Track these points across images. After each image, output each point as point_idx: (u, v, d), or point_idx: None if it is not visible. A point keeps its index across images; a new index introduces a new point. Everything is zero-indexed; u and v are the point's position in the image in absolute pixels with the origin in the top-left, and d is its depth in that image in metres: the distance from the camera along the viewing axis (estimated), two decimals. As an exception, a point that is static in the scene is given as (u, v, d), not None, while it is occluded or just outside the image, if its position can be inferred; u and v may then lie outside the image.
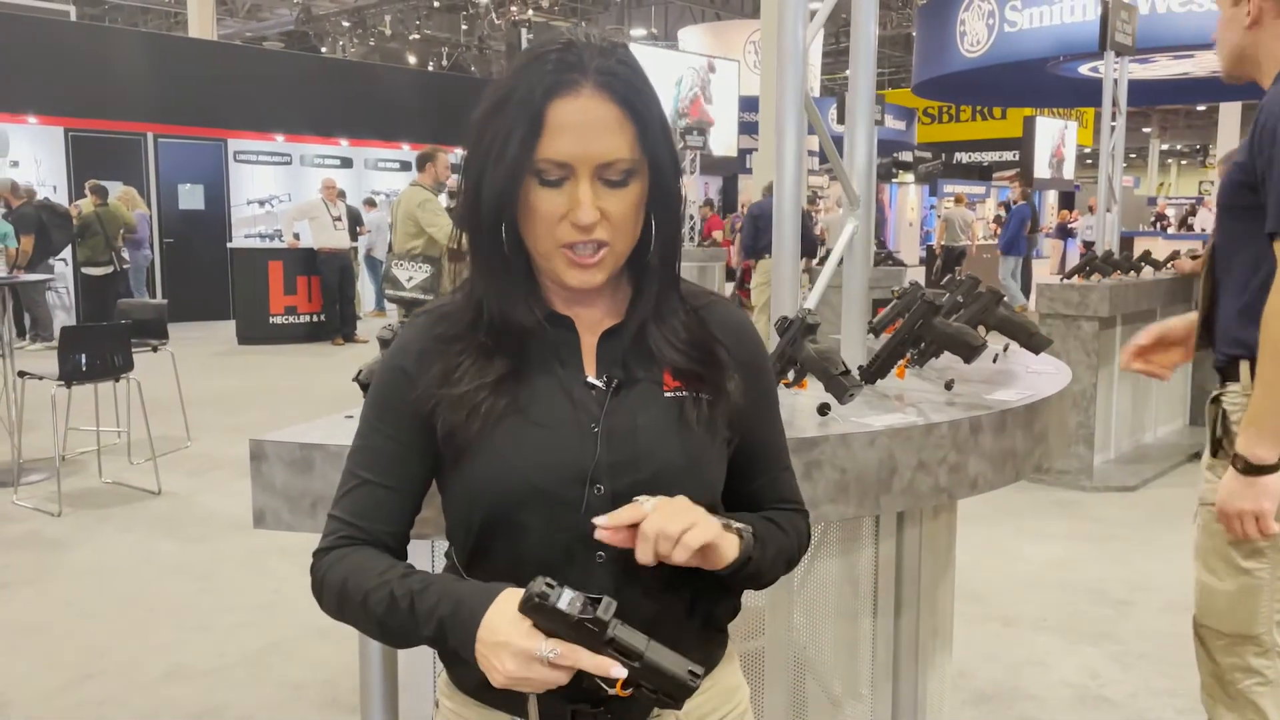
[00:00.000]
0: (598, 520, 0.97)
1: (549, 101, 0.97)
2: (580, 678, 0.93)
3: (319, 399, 7.84)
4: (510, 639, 0.91)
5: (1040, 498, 5.20)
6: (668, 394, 1.07)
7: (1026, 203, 14.14)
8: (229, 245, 12.58)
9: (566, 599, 0.90)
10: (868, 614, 2.01)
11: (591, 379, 1.07)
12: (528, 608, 0.91)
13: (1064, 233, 20.45)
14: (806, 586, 1.94)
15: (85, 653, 3.39)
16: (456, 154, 15.66)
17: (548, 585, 0.90)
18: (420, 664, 1.79)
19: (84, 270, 10.68)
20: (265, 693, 3.15)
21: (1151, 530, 4.74)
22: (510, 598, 0.93)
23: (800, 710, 1.97)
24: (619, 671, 0.91)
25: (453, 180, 7.16)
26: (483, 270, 1.06)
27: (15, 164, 11.64)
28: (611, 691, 0.93)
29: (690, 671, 0.92)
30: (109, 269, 10.76)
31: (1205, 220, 18.21)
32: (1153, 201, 27.59)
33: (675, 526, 0.95)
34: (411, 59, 25.15)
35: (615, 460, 1.04)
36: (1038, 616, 3.73)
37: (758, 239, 8.57)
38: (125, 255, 11.04)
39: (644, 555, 0.96)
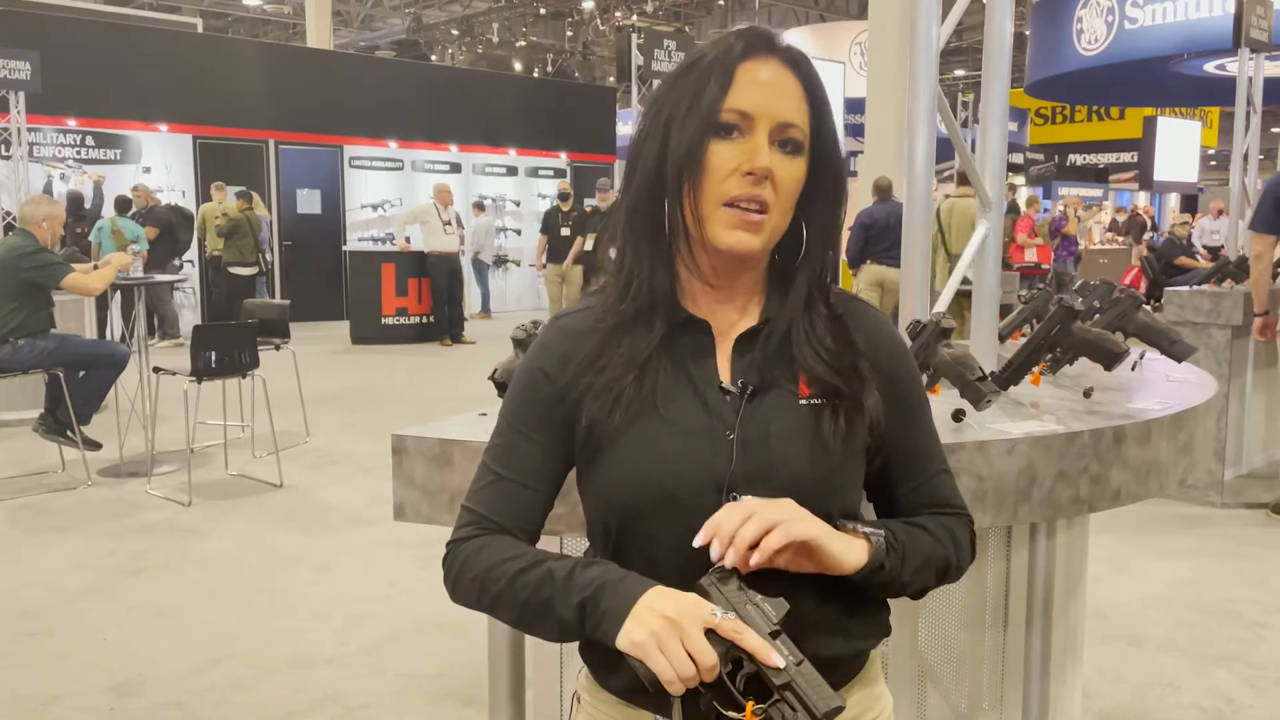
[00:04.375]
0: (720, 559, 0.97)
1: (741, 61, 1.02)
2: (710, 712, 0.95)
3: (430, 398, 8.04)
4: (682, 598, 0.95)
5: (1167, 513, 4.98)
6: (803, 402, 1.06)
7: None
8: (344, 248, 12.99)
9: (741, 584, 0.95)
10: (997, 626, 1.96)
11: (725, 384, 1.07)
12: (710, 582, 0.95)
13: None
14: (933, 596, 1.90)
15: (214, 637, 3.54)
16: (562, 158, 15.89)
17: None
18: (548, 660, 1.82)
19: (232, 270, 11.25)
20: (383, 682, 3.23)
21: (1288, 550, 4.51)
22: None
23: (924, 722, 1.93)
24: (778, 660, 0.92)
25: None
26: (639, 234, 1.07)
27: (147, 170, 12.23)
28: (736, 718, 0.93)
29: (835, 707, 0.91)
30: (255, 269, 11.33)
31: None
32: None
33: (748, 529, 0.95)
34: (517, 65, 25.57)
35: (750, 469, 1.03)
36: (1166, 637, 3.58)
37: (866, 247, 8.20)
38: (269, 257, 11.60)
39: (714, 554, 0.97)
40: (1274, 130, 31.89)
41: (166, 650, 3.44)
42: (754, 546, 0.96)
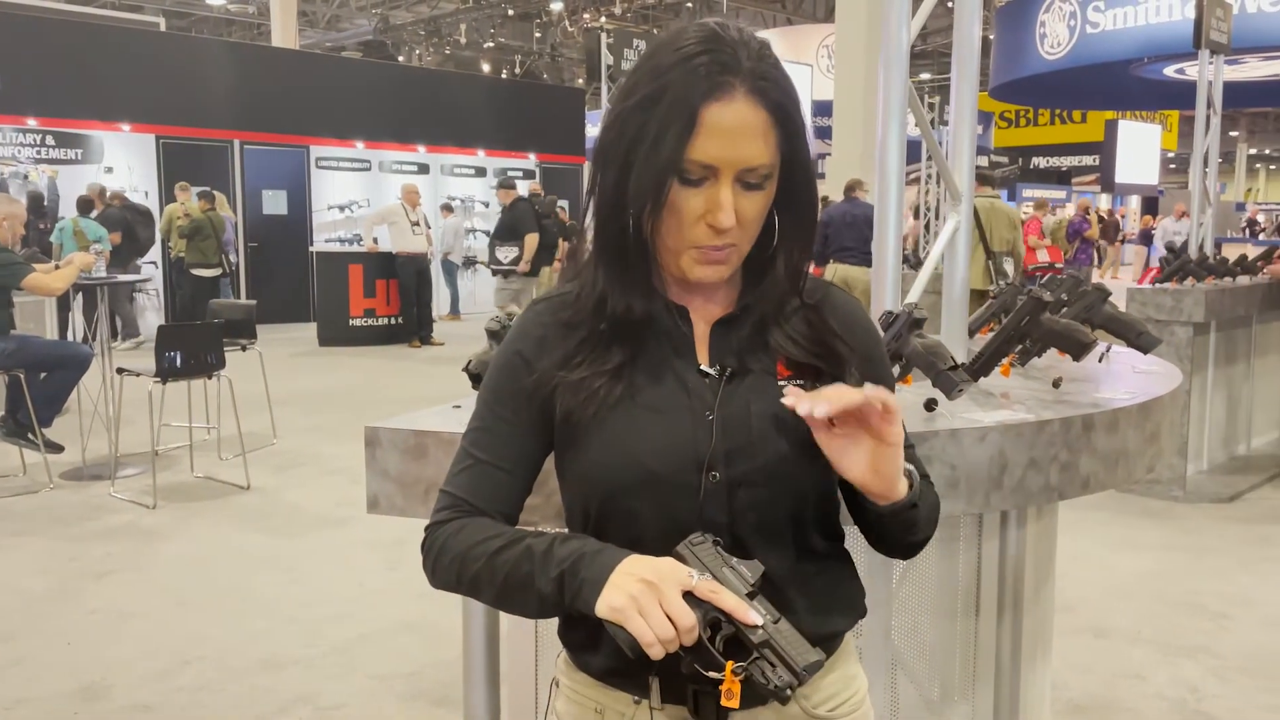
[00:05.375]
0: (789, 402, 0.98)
1: (705, 104, 0.98)
2: (690, 675, 0.96)
3: (399, 399, 7.97)
4: (659, 562, 0.95)
5: (1131, 507, 5.06)
6: (781, 383, 1.08)
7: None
8: (311, 249, 12.87)
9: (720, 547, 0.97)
10: (968, 615, 1.98)
11: (704, 367, 1.08)
12: (686, 547, 0.96)
13: (1147, 239, 19.93)
14: (904, 586, 1.92)
15: (182, 640, 3.49)
16: (531, 159, 15.82)
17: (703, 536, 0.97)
18: (523, 656, 1.81)
19: (194, 271, 11.10)
20: (354, 683, 3.21)
21: (1249, 543, 4.59)
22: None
23: (895, 710, 1.95)
24: (755, 618, 0.93)
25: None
26: (609, 260, 1.07)
27: (109, 170, 12.04)
28: (717, 677, 0.94)
29: (814, 661, 0.93)
30: (218, 270, 11.19)
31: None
32: (1241, 207, 26.72)
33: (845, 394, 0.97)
34: (485, 67, 25.50)
35: (730, 448, 1.04)
36: (1132, 628, 3.63)
37: (826, 245, 8.39)
38: (233, 258, 11.45)
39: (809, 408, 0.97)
40: (1232, 134, 32.57)
41: (132, 653, 3.39)
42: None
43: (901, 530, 1.08)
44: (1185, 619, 3.72)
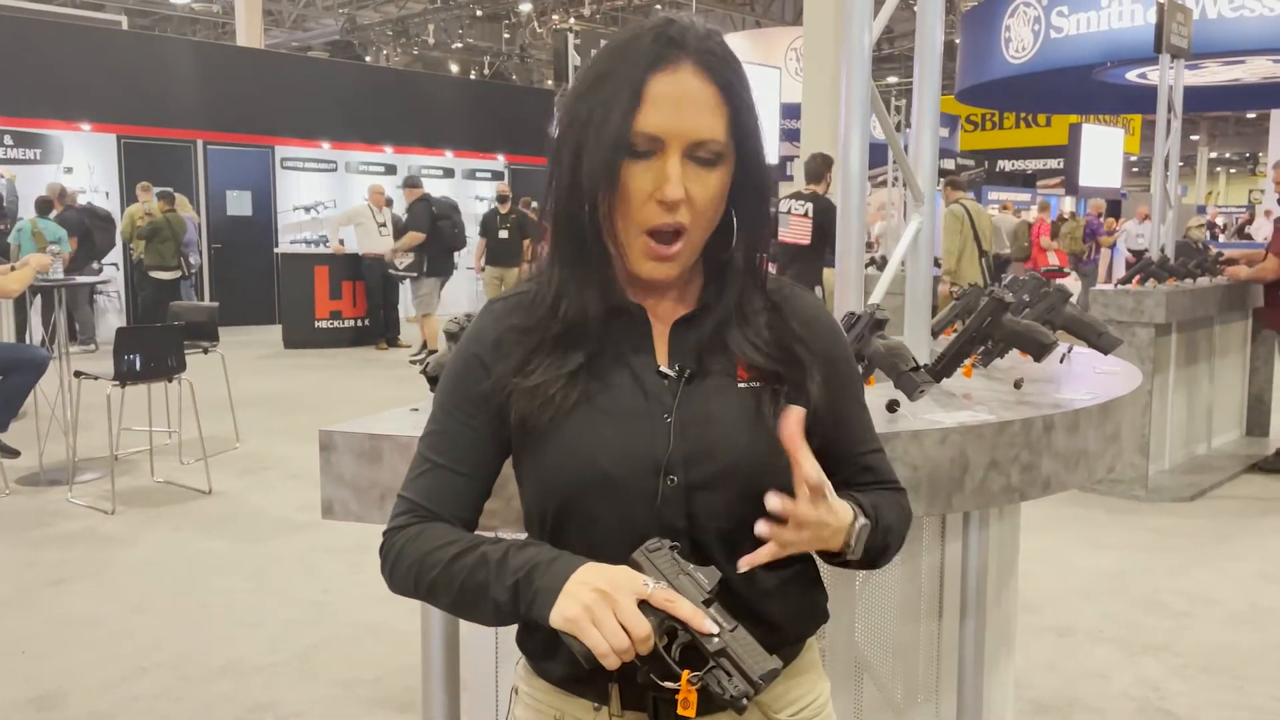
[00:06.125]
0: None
1: (649, 75, 0.98)
2: (648, 683, 0.95)
3: (365, 401, 7.90)
4: (614, 571, 0.94)
5: (1094, 507, 5.11)
6: (741, 385, 1.06)
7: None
8: (276, 250, 12.73)
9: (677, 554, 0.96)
10: (932, 617, 1.98)
11: (663, 368, 1.06)
12: (643, 554, 0.95)
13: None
14: (868, 588, 1.91)
15: (140, 647, 3.43)
16: (500, 160, 15.73)
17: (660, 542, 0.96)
18: (483, 663, 1.79)
19: (152, 274, 10.89)
20: (316, 690, 3.16)
21: (1210, 542, 4.64)
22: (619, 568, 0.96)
23: (859, 713, 1.94)
24: (711, 626, 0.92)
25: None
26: (566, 257, 1.05)
27: (69, 170, 11.85)
28: (673, 687, 0.93)
29: (771, 670, 0.91)
30: (178, 273, 11.00)
31: (1262, 229, 17.91)
32: (1202, 210, 27.14)
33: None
34: (454, 67, 25.38)
35: (689, 451, 1.03)
36: (1094, 627, 3.66)
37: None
38: (192, 260, 11.27)
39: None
40: (1193, 138, 33.11)
41: (89, 661, 3.32)
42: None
43: (871, 557, 1.09)
44: (1147, 617, 3.75)
